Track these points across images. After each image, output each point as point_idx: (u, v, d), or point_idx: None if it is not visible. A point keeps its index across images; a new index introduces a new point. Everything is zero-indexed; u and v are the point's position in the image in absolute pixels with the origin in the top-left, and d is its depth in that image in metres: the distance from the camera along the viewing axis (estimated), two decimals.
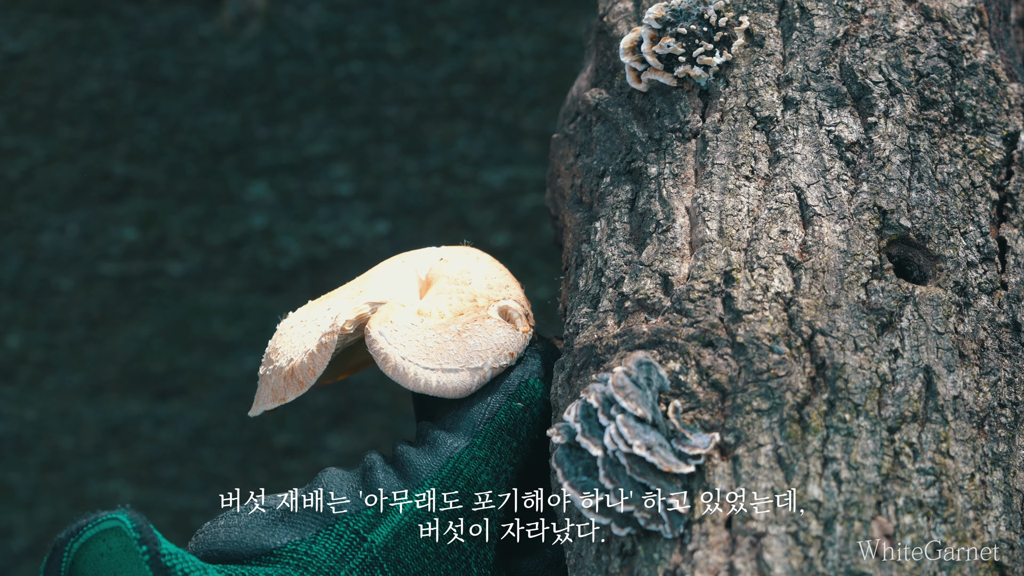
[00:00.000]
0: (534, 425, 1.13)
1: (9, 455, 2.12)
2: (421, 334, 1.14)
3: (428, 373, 1.13)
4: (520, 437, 1.13)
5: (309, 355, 1.14)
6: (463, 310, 1.16)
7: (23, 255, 2.07)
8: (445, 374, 1.13)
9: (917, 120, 1.17)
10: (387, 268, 1.21)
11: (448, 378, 1.13)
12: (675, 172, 1.16)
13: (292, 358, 1.15)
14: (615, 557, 1.03)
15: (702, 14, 1.19)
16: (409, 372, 1.13)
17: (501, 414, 1.12)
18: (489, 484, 1.11)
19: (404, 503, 1.10)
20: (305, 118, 2.04)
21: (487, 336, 1.15)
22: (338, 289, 1.21)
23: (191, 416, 2.11)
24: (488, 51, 2.03)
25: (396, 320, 1.14)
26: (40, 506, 2.13)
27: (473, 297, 1.17)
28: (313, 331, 1.16)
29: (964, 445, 1.06)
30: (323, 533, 1.09)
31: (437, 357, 1.13)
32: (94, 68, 2.02)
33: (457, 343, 1.14)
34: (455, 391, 1.13)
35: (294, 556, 1.08)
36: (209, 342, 2.10)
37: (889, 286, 1.10)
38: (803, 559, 0.99)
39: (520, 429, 1.13)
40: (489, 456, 1.11)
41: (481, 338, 1.15)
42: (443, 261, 1.20)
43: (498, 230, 2.06)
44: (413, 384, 1.13)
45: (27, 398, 2.11)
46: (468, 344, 1.14)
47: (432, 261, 1.21)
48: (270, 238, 2.07)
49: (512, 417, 1.13)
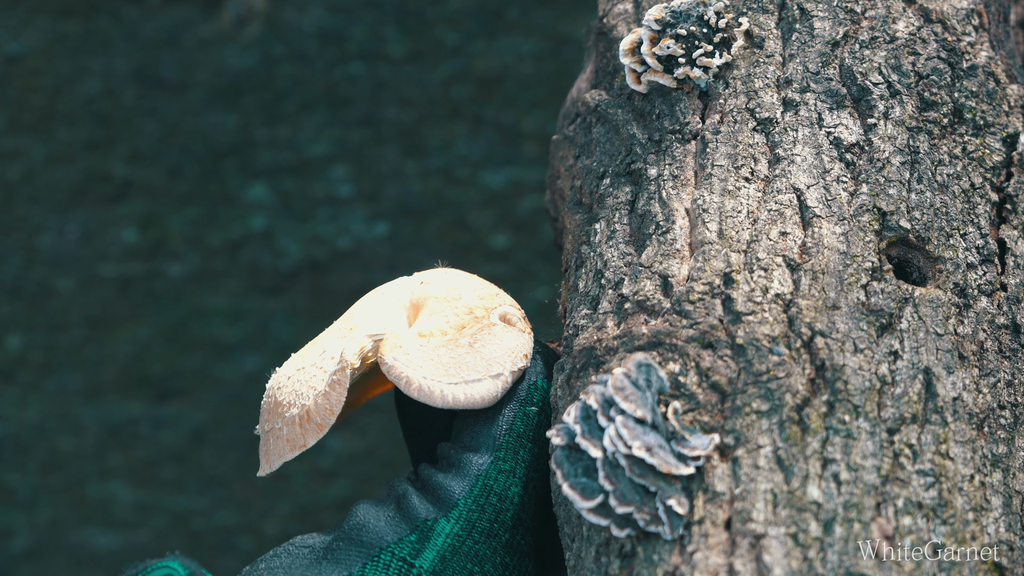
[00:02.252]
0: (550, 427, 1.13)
1: (9, 456, 2.12)
2: (434, 353, 1.13)
3: (453, 388, 1.12)
4: (540, 442, 1.12)
5: (323, 395, 1.13)
6: (464, 323, 1.15)
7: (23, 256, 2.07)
8: (469, 386, 1.13)
9: (917, 121, 1.17)
10: (369, 302, 1.20)
11: (474, 389, 1.13)
12: (675, 174, 1.16)
13: (304, 404, 1.14)
14: (615, 558, 1.03)
15: (702, 15, 1.19)
16: (435, 391, 1.12)
17: (518, 422, 1.12)
18: (520, 496, 1.11)
19: (444, 526, 1.09)
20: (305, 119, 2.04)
21: (499, 343, 1.14)
22: (323, 333, 1.20)
23: (191, 417, 2.11)
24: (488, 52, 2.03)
25: (405, 345, 1.14)
26: (40, 507, 2.13)
27: (469, 310, 1.16)
28: (317, 374, 1.15)
29: (964, 446, 1.06)
30: (370, 564, 1.08)
31: (456, 371, 1.13)
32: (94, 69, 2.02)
33: (472, 355, 1.14)
34: (483, 400, 1.13)
35: None
36: (209, 343, 2.10)
37: (889, 288, 1.10)
38: (803, 560, 0.99)
39: (539, 433, 1.13)
40: (515, 467, 1.11)
41: (493, 346, 1.14)
42: (425, 284, 1.19)
43: (498, 231, 2.06)
44: (441, 401, 1.12)
45: (27, 399, 2.11)
46: (483, 353, 1.14)
47: (413, 286, 1.20)
48: (270, 239, 2.07)
49: (528, 423, 1.12)
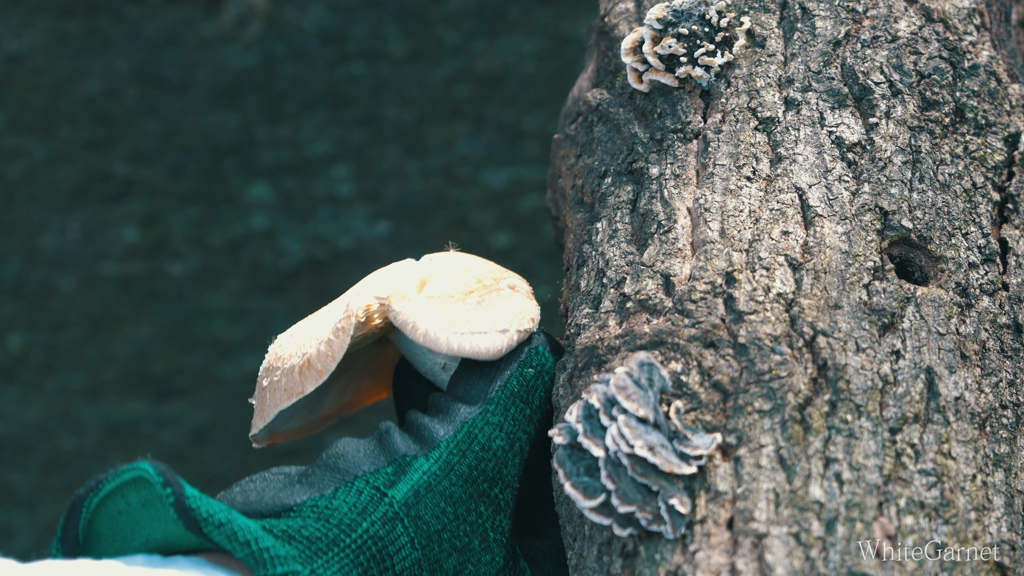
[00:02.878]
0: (546, 394, 1.13)
1: (10, 456, 2.12)
2: (441, 307, 1.14)
3: (459, 337, 1.12)
4: (533, 405, 1.12)
5: (326, 343, 1.13)
6: (472, 289, 1.16)
7: (24, 256, 2.07)
8: (476, 336, 1.13)
9: (918, 121, 1.17)
10: (378, 274, 1.20)
11: (480, 340, 1.13)
12: (677, 173, 1.16)
13: (306, 352, 1.14)
14: (617, 558, 1.03)
15: (703, 14, 1.19)
16: (441, 337, 1.12)
17: (513, 381, 1.12)
18: (504, 450, 1.11)
19: (422, 463, 1.09)
20: (306, 119, 2.04)
21: (506, 303, 1.15)
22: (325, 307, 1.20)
23: (192, 417, 2.11)
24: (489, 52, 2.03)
25: (412, 299, 1.14)
26: (41, 506, 2.13)
27: (478, 279, 1.17)
28: (321, 327, 1.15)
29: (966, 446, 1.06)
30: (343, 489, 1.08)
31: (463, 323, 1.13)
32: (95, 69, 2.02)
33: (479, 311, 1.14)
34: (488, 352, 1.12)
35: (314, 510, 1.06)
36: (210, 343, 2.10)
37: (891, 287, 1.10)
38: (805, 560, 0.99)
39: (533, 396, 1.13)
40: (503, 422, 1.11)
41: (501, 306, 1.14)
42: (435, 260, 1.20)
43: (499, 231, 2.06)
44: (447, 348, 1.12)
45: (28, 399, 2.11)
46: (491, 311, 1.14)
47: (421, 264, 1.20)
48: (271, 239, 2.07)
49: (524, 383, 1.12)
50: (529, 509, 1.15)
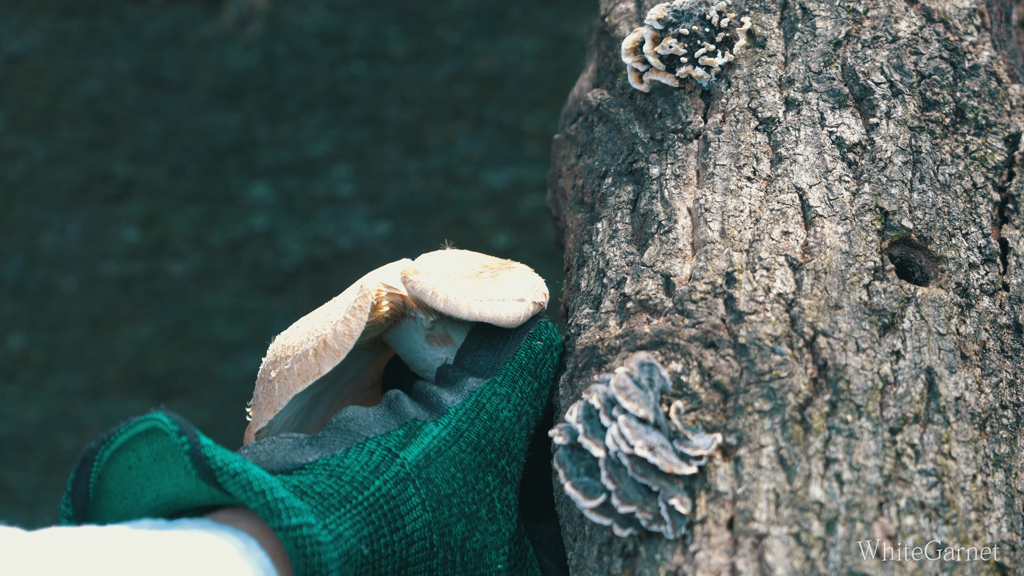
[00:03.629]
0: (553, 370, 1.13)
1: (10, 455, 2.12)
2: (456, 281, 1.14)
3: (479, 303, 1.13)
4: (541, 379, 1.13)
5: (342, 322, 1.13)
6: (480, 271, 1.16)
7: (25, 256, 2.07)
8: (495, 303, 1.13)
9: (919, 121, 1.17)
10: (378, 271, 1.21)
11: (499, 306, 1.13)
12: (677, 173, 1.16)
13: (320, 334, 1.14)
14: (617, 558, 1.03)
15: (704, 15, 1.19)
16: (462, 303, 1.13)
17: (521, 353, 1.13)
18: (511, 421, 1.11)
19: (432, 428, 1.09)
20: (306, 119, 2.04)
21: (519, 278, 1.15)
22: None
23: (192, 416, 2.11)
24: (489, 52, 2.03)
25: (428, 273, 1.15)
26: (41, 506, 2.13)
27: (483, 264, 1.17)
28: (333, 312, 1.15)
29: (966, 446, 1.06)
30: (354, 449, 1.08)
31: (481, 292, 1.14)
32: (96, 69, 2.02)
33: (493, 283, 1.14)
34: (507, 319, 1.13)
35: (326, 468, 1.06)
36: (210, 343, 2.10)
37: (891, 287, 1.10)
38: (805, 560, 0.99)
39: (540, 369, 1.13)
40: (510, 394, 1.12)
41: (515, 280, 1.15)
42: (433, 256, 1.20)
43: (499, 231, 2.06)
44: (467, 313, 1.12)
45: (29, 398, 2.11)
46: (505, 284, 1.15)
47: (421, 260, 1.20)
48: (271, 239, 2.07)
49: (532, 356, 1.13)
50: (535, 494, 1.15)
